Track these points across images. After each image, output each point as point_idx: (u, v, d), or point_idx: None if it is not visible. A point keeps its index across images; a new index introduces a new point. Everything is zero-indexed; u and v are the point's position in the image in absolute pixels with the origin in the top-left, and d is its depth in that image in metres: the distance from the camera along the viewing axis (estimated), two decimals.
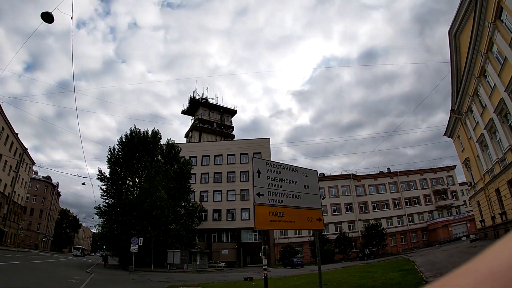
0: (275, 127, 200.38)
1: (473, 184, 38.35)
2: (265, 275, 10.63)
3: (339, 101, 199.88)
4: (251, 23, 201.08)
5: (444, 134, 45.05)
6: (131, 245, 37.21)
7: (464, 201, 68.66)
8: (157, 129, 51.41)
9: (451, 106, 38.50)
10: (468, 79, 31.11)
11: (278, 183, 11.80)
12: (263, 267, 10.75)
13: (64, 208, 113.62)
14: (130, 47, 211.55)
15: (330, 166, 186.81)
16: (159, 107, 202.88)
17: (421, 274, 16.04)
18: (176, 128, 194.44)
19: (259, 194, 10.85)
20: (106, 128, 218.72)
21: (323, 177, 67.18)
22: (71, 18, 17.83)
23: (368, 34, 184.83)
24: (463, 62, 31.25)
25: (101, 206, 47.36)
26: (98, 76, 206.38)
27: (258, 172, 11.26)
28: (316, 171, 13.82)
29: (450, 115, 39.81)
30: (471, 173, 38.31)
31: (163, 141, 52.50)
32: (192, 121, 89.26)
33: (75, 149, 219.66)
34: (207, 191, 66.81)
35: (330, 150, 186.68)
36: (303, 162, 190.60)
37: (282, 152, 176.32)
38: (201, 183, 66.21)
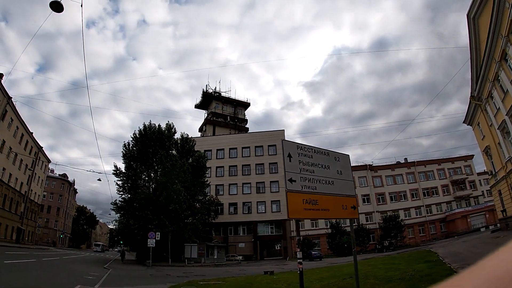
0: (287, 120, 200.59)
1: (494, 172, 37.05)
2: (300, 269, 9.68)
3: (351, 92, 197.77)
4: (260, 15, 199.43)
5: (463, 122, 43.64)
6: (149, 239, 37.05)
7: (483, 191, 67.48)
8: (172, 123, 50.91)
9: (471, 93, 37.12)
10: (488, 64, 29.72)
11: (311, 168, 10.76)
12: (298, 260, 9.76)
13: (81, 205, 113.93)
14: (140, 44, 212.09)
15: None
16: (171, 102, 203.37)
17: (448, 265, 15.27)
18: (189, 123, 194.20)
19: (291, 180, 9.82)
20: (119, 125, 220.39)
21: None
22: (81, 5, 17.05)
23: (379, 22, 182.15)
24: (482, 46, 29.88)
25: (117, 201, 47.04)
26: (110, 74, 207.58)
27: (289, 156, 10.20)
28: (348, 155, 12.72)
29: (470, 101, 38.40)
30: (492, 162, 36.96)
31: (177, 135, 51.73)
32: (206, 115, 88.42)
33: (90, 146, 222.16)
34: (223, 184, 66.08)
35: (343, 141, 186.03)
36: None
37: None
38: (216, 176, 65.45)
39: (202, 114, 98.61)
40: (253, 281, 18.67)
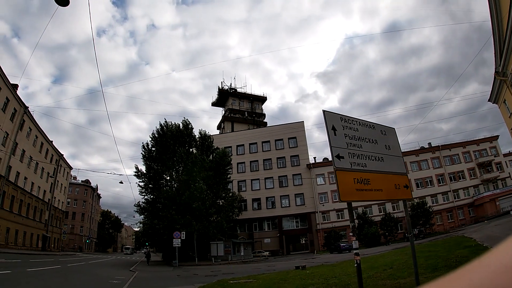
0: (304, 112, 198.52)
1: None
2: (358, 261, 8.34)
3: (366, 80, 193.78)
4: (267, 9, 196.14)
5: (489, 101, 41.41)
6: (174, 239, 36.24)
7: (510, 173, 64.87)
8: (187, 119, 50.26)
9: (495, 69, 34.95)
10: None
11: (358, 143, 9.48)
12: (355, 252, 8.44)
13: (106, 210, 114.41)
14: (152, 48, 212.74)
15: None
16: (186, 103, 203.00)
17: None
18: (206, 123, 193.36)
19: (338, 157, 8.52)
20: (138, 129, 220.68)
21: None
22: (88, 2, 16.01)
23: (389, 7, 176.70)
24: (505, 19, 28.00)
25: (140, 203, 46.40)
26: (125, 80, 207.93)
27: (333, 129, 8.84)
28: (394, 128, 11.33)
29: (494, 78, 36.21)
30: None
31: (195, 133, 50.97)
32: (223, 112, 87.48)
33: (110, 152, 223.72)
34: (245, 180, 64.95)
35: None
36: None
37: (313, 137, 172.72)
38: (237, 173, 64.11)
39: (219, 112, 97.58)
40: (286, 277, 17.44)
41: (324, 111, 9.26)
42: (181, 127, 48.45)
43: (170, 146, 46.40)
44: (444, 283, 0.61)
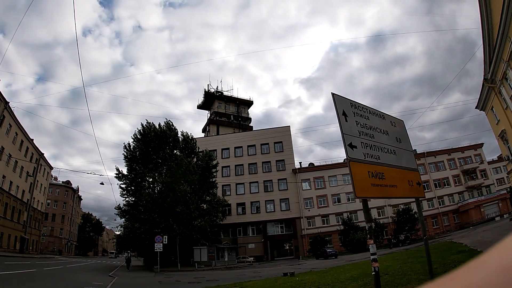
0: (288, 118, 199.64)
1: (510, 158, 35.08)
2: (376, 269, 7.23)
3: (351, 88, 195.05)
4: (254, 15, 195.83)
5: (476, 108, 41.24)
6: (155, 244, 35.15)
7: (494, 180, 65.42)
8: (170, 120, 49.22)
9: (484, 75, 34.71)
10: (503, 43, 27.17)
11: (370, 132, 8.76)
12: (372, 257, 7.36)
13: (87, 212, 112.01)
14: (137, 50, 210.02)
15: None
16: (171, 106, 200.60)
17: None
18: (190, 126, 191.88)
19: (351, 146, 7.65)
20: (121, 131, 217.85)
21: (345, 163, 64.25)
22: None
23: (375, 17, 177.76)
24: (496, 26, 27.61)
25: (121, 205, 45.00)
26: (109, 81, 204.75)
27: (344, 114, 8.02)
28: (403, 121, 10.70)
29: (483, 85, 35.94)
30: (508, 146, 34.80)
31: (178, 135, 49.68)
32: (209, 115, 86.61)
33: (92, 154, 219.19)
34: (229, 184, 63.80)
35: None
36: (319, 152, 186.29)
37: (298, 143, 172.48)
38: (222, 176, 62.51)
39: (204, 117, 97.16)
40: (274, 285, 16.32)
41: (333, 94, 8.63)
42: (164, 128, 47.15)
43: (153, 147, 45.43)
44: (442, 283, 0.63)
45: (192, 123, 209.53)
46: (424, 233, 9.58)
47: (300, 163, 69.57)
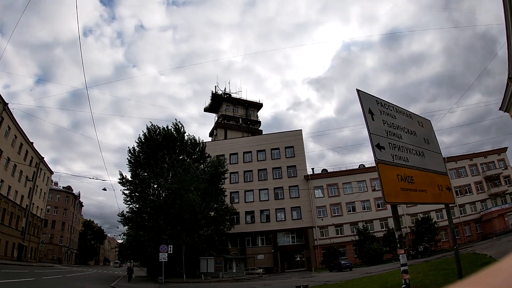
0: (298, 122, 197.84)
1: None
2: (407, 281, 6.50)
3: (364, 89, 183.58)
4: (261, 13, 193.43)
5: (500, 109, 40.33)
6: (160, 253, 34.28)
7: None
8: (179, 122, 48.53)
9: (508, 74, 33.81)
10: None
11: (397, 132, 8.33)
12: (402, 268, 6.66)
13: (88, 219, 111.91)
14: (140, 50, 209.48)
15: (361, 160, 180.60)
16: (175, 109, 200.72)
17: None
18: (195, 130, 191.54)
19: (379, 146, 7.13)
20: (123, 135, 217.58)
21: (363, 169, 63.32)
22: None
23: (389, 13, 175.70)
24: None
25: (124, 212, 44.67)
26: (111, 83, 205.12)
27: (371, 112, 7.47)
28: (430, 120, 10.33)
29: (507, 84, 35.15)
30: None
31: (186, 138, 49.27)
32: (216, 118, 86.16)
33: (94, 158, 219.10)
34: (238, 191, 63.11)
35: (359, 142, 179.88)
36: (332, 157, 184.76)
37: (309, 148, 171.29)
38: (230, 183, 61.79)
39: (210, 120, 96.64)
40: None
41: (358, 91, 8.27)
42: (172, 131, 46.62)
43: (159, 151, 44.94)
44: (464, 285, 0.62)
45: (198, 127, 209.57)
46: (454, 242, 9.48)
47: (312, 169, 68.53)
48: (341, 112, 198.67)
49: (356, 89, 8.12)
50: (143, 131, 47.01)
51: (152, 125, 46.84)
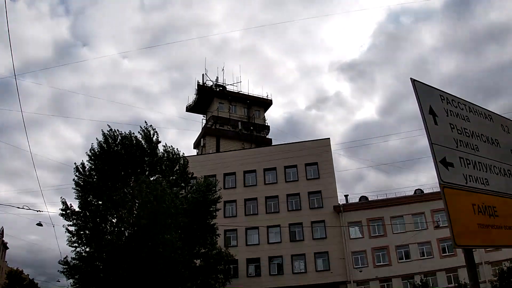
0: (324, 128, 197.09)
1: None
2: None
3: (421, 78, 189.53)
4: None
5: None
6: None
7: None
8: (150, 126, 47.78)
9: None
10: None
11: (472, 142, 7.38)
12: None
13: (15, 268, 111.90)
14: (93, 22, 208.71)
15: (417, 182, 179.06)
16: (144, 108, 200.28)
17: None
18: (173, 139, 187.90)
19: (445, 163, 6.76)
20: (68, 145, 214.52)
21: (421, 196, 63.07)
22: None
23: None
24: None
25: (69, 259, 43.42)
26: (50, 70, 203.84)
27: (432, 112, 7.18)
28: None
29: None
30: None
31: (160, 149, 48.62)
32: (204, 121, 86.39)
33: (25, 179, 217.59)
34: (236, 229, 62.40)
35: (414, 156, 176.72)
36: (374, 179, 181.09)
37: (339, 165, 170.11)
38: (225, 216, 61.83)
39: (195, 124, 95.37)
40: None
41: (413, 81, 7.30)
42: (140, 139, 46.28)
43: (121, 169, 44.63)
44: None
45: (178, 134, 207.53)
46: None
47: (346, 196, 67.47)
48: (387, 113, 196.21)
49: (411, 78, 7.70)
50: (97, 139, 46.32)
51: (110, 130, 46.05)
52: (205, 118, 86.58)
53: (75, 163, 46.32)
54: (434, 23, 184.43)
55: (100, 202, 44.01)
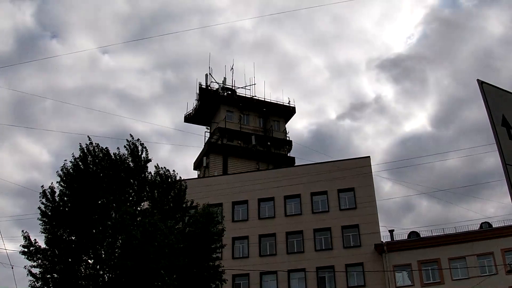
0: (362, 143, 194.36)
1: None
2: None
3: (488, 79, 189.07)
4: None
5: None
6: None
7: None
8: (137, 140, 47.20)
9: None
10: None
11: None
12: None
13: None
14: (63, 8, 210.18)
15: (484, 213, 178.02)
16: (130, 118, 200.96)
17: None
18: (167, 157, 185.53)
19: None
20: (32, 164, 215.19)
21: (489, 231, 62.66)
22: None
23: None
24: None
25: None
26: (11, 68, 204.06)
27: (506, 124, 7.24)
28: None
29: None
30: None
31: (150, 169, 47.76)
32: (208, 135, 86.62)
33: None
34: (248, 274, 61.89)
35: (480, 179, 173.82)
36: (428, 208, 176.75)
37: (382, 191, 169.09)
38: (233, 258, 61.86)
39: (197, 138, 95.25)
40: None
41: (481, 83, 7.26)
42: (125, 157, 45.98)
43: (100, 194, 43.99)
44: None
45: (173, 150, 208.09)
46: None
47: (391, 231, 66.96)
48: (443, 123, 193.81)
49: (478, 80, 7.83)
50: (73, 156, 45.59)
51: (91, 143, 45.49)
52: (209, 130, 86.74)
53: (42, 186, 44.67)
54: (503, 6, 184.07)
55: (73, 238, 43.65)
